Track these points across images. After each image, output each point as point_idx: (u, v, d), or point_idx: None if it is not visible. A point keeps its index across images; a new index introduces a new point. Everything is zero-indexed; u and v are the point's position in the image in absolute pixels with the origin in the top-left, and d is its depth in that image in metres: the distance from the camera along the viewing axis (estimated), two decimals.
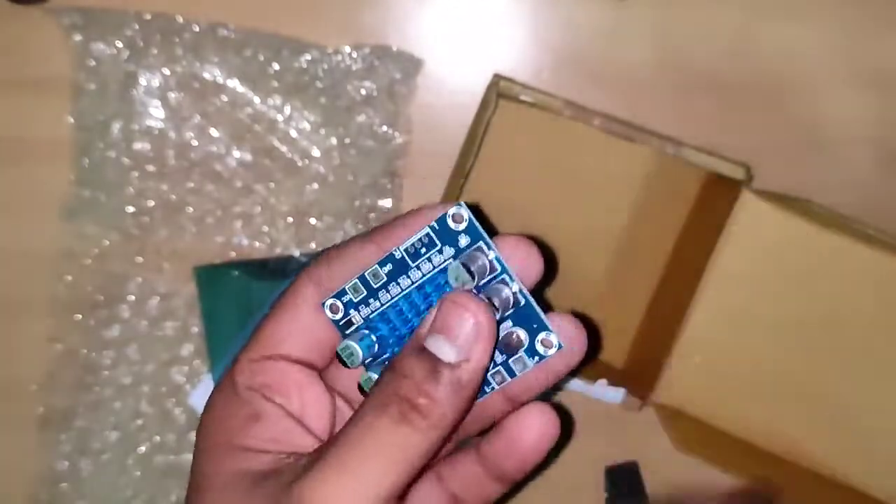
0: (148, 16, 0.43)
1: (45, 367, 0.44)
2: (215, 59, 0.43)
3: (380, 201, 0.44)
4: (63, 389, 0.44)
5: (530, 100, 0.38)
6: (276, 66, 0.43)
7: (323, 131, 0.44)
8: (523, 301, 0.25)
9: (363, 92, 0.43)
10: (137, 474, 0.45)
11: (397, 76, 0.43)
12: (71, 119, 0.43)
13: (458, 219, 0.24)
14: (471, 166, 0.39)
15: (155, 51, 0.43)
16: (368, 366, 0.26)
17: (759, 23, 0.44)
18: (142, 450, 0.45)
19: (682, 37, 0.44)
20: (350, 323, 0.26)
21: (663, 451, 0.41)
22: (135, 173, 0.44)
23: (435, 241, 0.25)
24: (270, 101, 0.44)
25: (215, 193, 0.44)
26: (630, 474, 0.45)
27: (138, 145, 0.44)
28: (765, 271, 0.39)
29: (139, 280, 0.44)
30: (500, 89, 0.38)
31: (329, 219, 0.44)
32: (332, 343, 0.27)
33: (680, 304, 0.39)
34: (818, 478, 0.40)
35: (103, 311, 0.44)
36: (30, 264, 0.44)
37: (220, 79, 0.43)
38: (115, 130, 0.43)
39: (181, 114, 0.43)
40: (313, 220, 0.44)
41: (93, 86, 0.43)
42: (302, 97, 0.43)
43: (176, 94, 0.43)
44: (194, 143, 0.44)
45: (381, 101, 0.44)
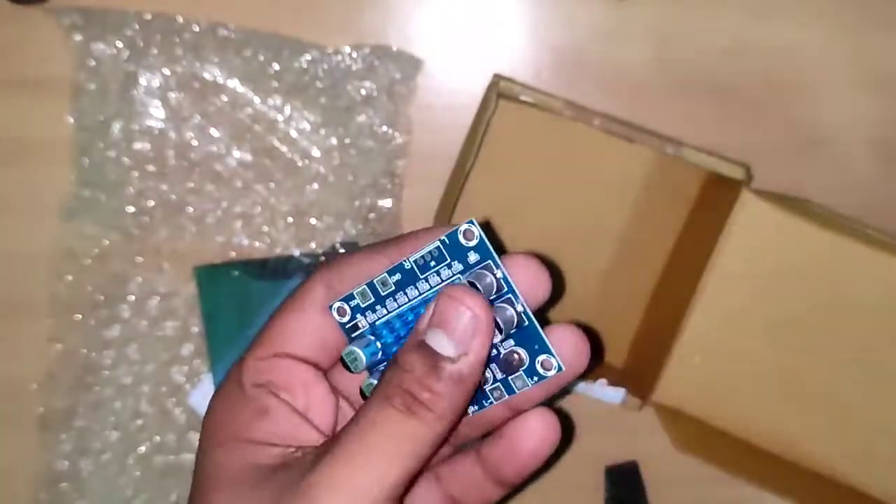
0: (148, 16, 0.43)
1: (45, 367, 0.44)
2: (215, 59, 0.43)
3: (380, 201, 0.44)
4: (63, 389, 0.44)
5: (530, 100, 0.38)
6: (276, 66, 0.43)
7: (323, 131, 0.44)
8: (527, 322, 0.25)
9: (363, 92, 0.43)
10: (137, 474, 0.45)
11: (397, 76, 0.43)
12: (71, 119, 0.43)
13: (469, 235, 0.24)
14: (471, 166, 0.39)
15: (155, 51, 0.43)
16: (371, 372, 0.27)
17: (759, 23, 0.44)
18: (142, 450, 0.45)
19: (682, 37, 0.44)
20: (356, 327, 0.26)
21: (663, 451, 0.41)
22: (135, 173, 0.44)
23: (444, 256, 0.25)
24: (270, 101, 0.44)
25: (215, 193, 0.44)
26: (630, 474, 0.45)
27: (138, 145, 0.44)
28: (764, 271, 0.39)
29: (139, 280, 0.44)
30: (500, 89, 0.38)
31: (329, 219, 0.44)
32: (338, 345, 0.27)
33: (680, 304, 0.39)
34: (818, 478, 0.40)
35: (103, 311, 0.44)
36: (30, 264, 0.44)
37: (221, 79, 0.43)
38: (116, 130, 0.43)
39: (181, 114, 0.43)
40: (313, 220, 0.44)
41: (93, 86, 0.43)
42: (302, 97, 0.43)
43: (176, 94, 0.43)
44: (194, 143, 0.44)
45: (381, 101, 0.44)
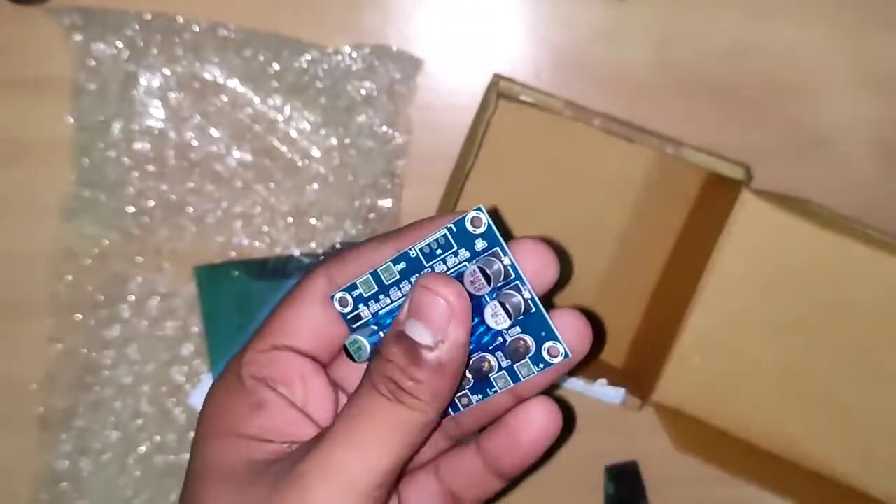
0: (148, 16, 0.43)
1: (45, 367, 0.44)
2: (215, 59, 0.43)
3: (380, 201, 0.44)
4: (63, 389, 0.44)
5: (530, 100, 0.38)
6: (276, 67, 0.43)
7: (323, 131, 0.44)
8: (534, 309, 0.25)
9: (363, 92, 0.43)
10: (137, 474, 0.45)
11: (397, 76, 0.43)
12: (71, 119, 0.43)
13: (477, 223, 0.24)
14: (471, 166, 0.39)
15: (155, 51, 0.43)
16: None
17: (759, 23, 0.44)
18: (142, 450, 0.45)
19: (682, 37, 0.44)
20: (358, 317, 0.26)
21: (663, 451, 0.41)
22: (135, 173, 0.44)
23: (451, 243, 0.25)
24: (270, 102, 0.44)
25: (215, 193, 0.44)
26: (630, 474, 0.45)
27: (138, 145, 0.44)
28: (764, 271, 0.39)
29: (139, 280, 0.44)
30: (500, 89, 0.38)
31: (329, 219, 0.44)
32: (340, 338, 0.27)
33: (680, 304, 0.39)
34: (818, 478, 0.40)
35: (103, 311, 0.44)
36: (30, 264, 0.44)
37: (221, 79, 0.43)
38: (116, 130, 0.43)
39: (181, 114, 0.43)
40: (313, 220, 0.44)
41: (93, 86, 0.43)
42: (302, 97, 0.43)
43: (176, 94, 0.43)
44: (194, 143, 0.44)
45: (381, 101, 0.44)
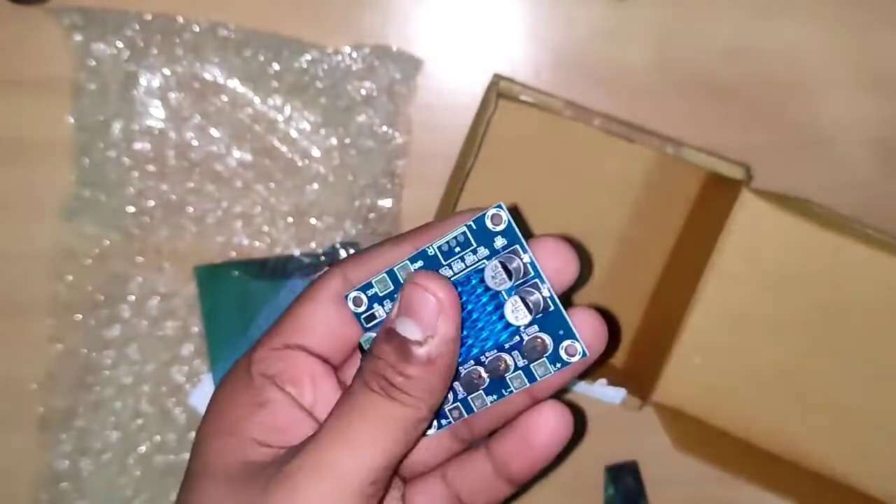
0: (148, 16, 0.43)
1: (45, 367, 0.44)
2: (215, 59, 0.43)
3: (380, 201, 0.44)
4: (63, 389, 0.44)
5: (530, 100, 0.38)
6: (276, 67, 0.43)
7: (323, 131, 0.44)
8: (552, 307, 0.25)
9: (363, 92, 0.43)
10: (137, 474, 0.45)
11: (397, 76, 0.43)
12: (71, 119, 0.43)
13: (497, 220, 0.24)
14: (471, 166, 0.39)
15: (155, 51, 0.43)
16: None
17: (759, 23, 0.44)
18: (142, 450, 0.45)
19: (682, 37, 0.44)
20: (373, 317, 0.26)
21: (663, 451, 0.41)
22: (135, 173, 0.44)
23: (470, 241, 0.25)
24: (270, 102, 0.44)
25: (215, 193, 0.44)
26: (630, 474, 0.45)
27: (138, 145, 0.44)
28: (764, 271, 0.39)
29: (139, 280, 0.44)
30: (500, 89, 0.38)
31: (329, 219, 0.44)
32: (353, 340, 0.27)
33: (680, 304, 0.39)
34: (818, 478, 0.40)
35: (103, 311, 0.44)
36: (30, 264, 0.44)
37: (221, 79, 0.43)
38: (116, 130, 0.43)
39: (181, 114, 0.43)
40: (313, 220, 0.44)
41: (93, 86, 0.43)
42: (302, 97, 0.43)
43: (176, 94, 0.43)
44: (194, 143, 0.44)
45: (381, 101, 0.44)
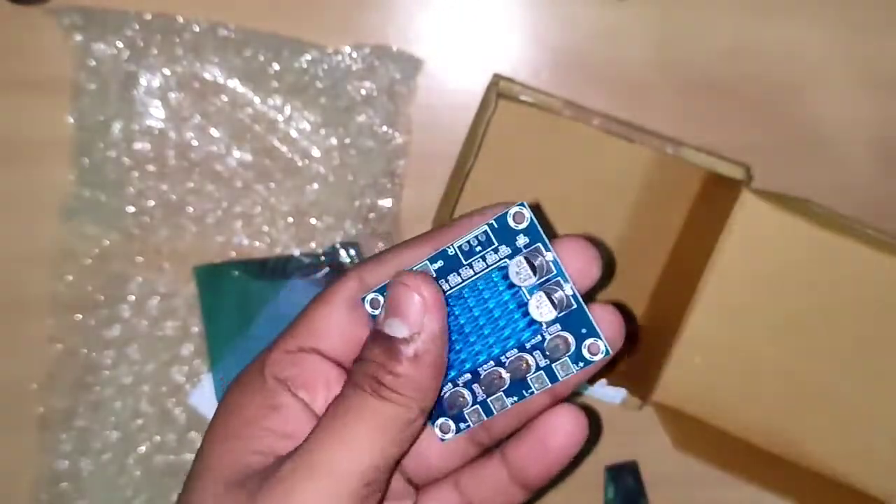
0: (148, 16, 0.43)
1: (45, 367, 0.44)
2: (215, 59, 0.43)
3: (380, 201, 0.44)
4: (63, 389, 0.44)
5: (530, 100, 0.38)
6: (276, 67, 0.43)
7: (323, 131, 0.44)
8: (575, 305, 0.25)
9: (363, 92, 0.43)
10: (137, 474, 0.45)
11: (397, 76, 0.43)
12: (71, 119, 0.43)
13: (520, 218, 0.24)
14: (471, 166, 0.39)
15: (155, 51, 0.43)
16: None
17: (759, 23, 0.44)
18: (142, 450, 0.45)
19: (682, 37, 0.44)
20: None
21: (663, 451, 0.41)
22: (135, 173, 0.44)
23: (492, 240, 0.25)
24: (270, 102, 0.44)
25: (215, 193, 0.44)
26: (630, 474, 0.45)
27: (138, 145, 0.44)
28: (764, 271, 0.38)
29: (139, 280, 0.44)
30: (500, 89, 0.38)
31: (329, 219, 0.44)
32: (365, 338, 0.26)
33: (680, 304, 0.39)
34: (818, 478, 0.40)
35: (103, 311, 0.44)
36: (30, 264, 0.44)
37: (221, 79, 0.43)
38: (116, 130, 0.43)
39: (181, 114, 0.43)
40: (313, 220, 0.44)
41: (93, 86, 0.43)
42: (302, 97, 0.43)
43: (176, 94, 0.43)
44: (194, 143, 0.44)
45: (381, 101, 0.43)
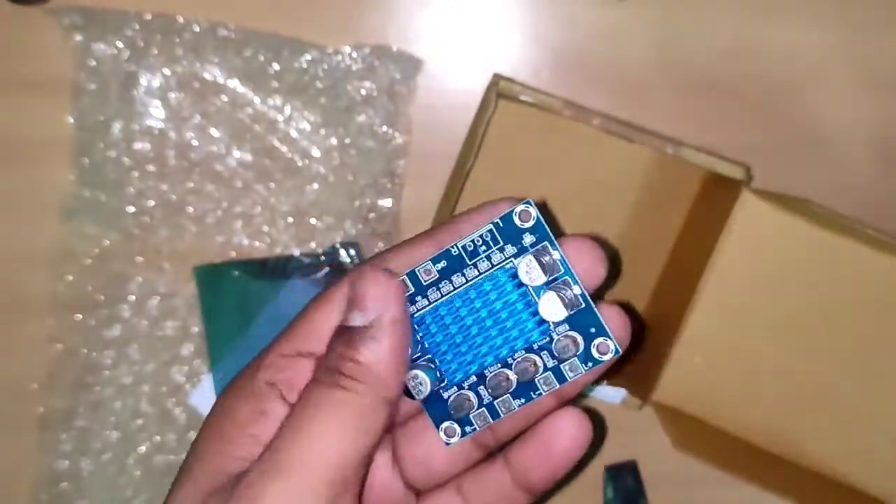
0: (148, 16, 0.43)
1: (45, 367, 0.44)
2: (215, 59, 0.43)
3: (380, 201, 0.44)
4: (63, 389, 0.44)
5: (530, 100, 0.38)
6: (276, 67, 0.43)
7: (323, 131, 0.44)
8: (584, 304, 0.24)
9: (363, 92, 0.43)
10: (137, 474, 0.45)
11: (397, 76, 0.43)
12: (71, 119, 0.43)
13: (526, 217, 0.24)
14: (471, 166, 0.39)
15: (155, 51, 0.43)
16: (411, 364, 0.26)
17: (759, 23, 0.44)
18: (142, 450, 0.45)
19: (682, 37, 0.44)
20: None
21: (663, 451, 0.41)
22: (135, 173, 0.44)
23: (497, 239, 0.24)
24: (270, 102, 0.44)
25: (215, 193, 0.44)
26: (630, 474, 0.45)
27: (138, 145, 0.44)
28: (764, 271, 0.38)
29: (139, 280, 0.44)
30: (500, 89, 0.38)
31: (329, 219, 0.44)
32: None
33: (680, 304, 0.39)
34: (818, 478, 0.40)
35: (103, 311, 0.44)
36: (30, 264, 0.44)
37: (221, 79, 0.43)
38: (116, 130, 0.43)
39: (181, 114, 0.43)
40: (313, 220, 0.44)
41: (93, 86, 0.43)
42: (302, 97, 0.43)
43: (176, 94, 0.43)
44: (194, 143, 0.44)
45: (381, 101, 0.43)
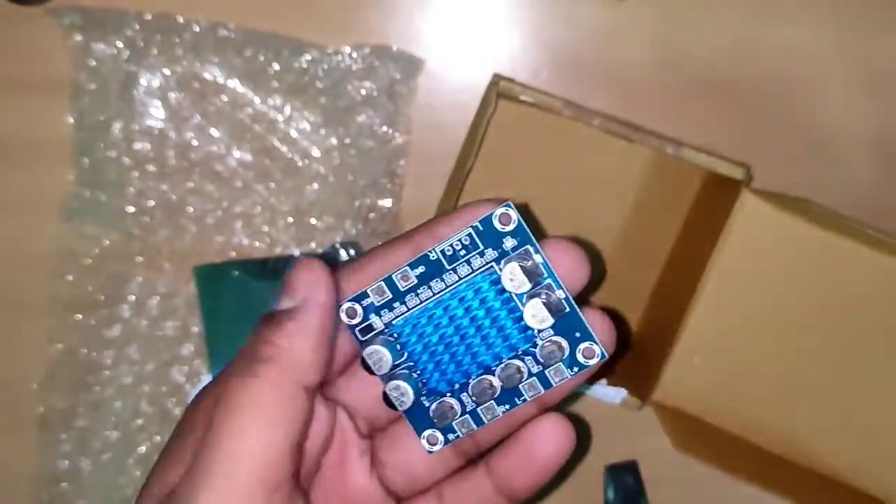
0: (148, 16, 0.43)
1: (45, 367, 0.44)
2: (215, 59, 0.43)
3: (380, 201, 0.44)
4: (63, 389, 0.44)
5: (530, 100, 0.38)
6: (276, 67, 0.43)
7: (323, 131, 0.44)
8: (568, 308, 0.24)
9: (363, 92, 0.43)
10: (137, 474, 0.45)
11: (397, 76, 0.43)
12: (71, 119, 0.43)
13: (506, 220, 0.23)
14: (471, 166, 0.39)
15: (155, 51, 0.43)
16: (390, 376, 0.25)
17: (758, 23, 0.44)
18: (142, 450, 0.45)
19: (681, 37, 0.44)
20: (370, 328, 0.25)
21: (663, 451, 0.41)
22: (135, 173, 0.44)
23: (477, 243, 0.23)
24: (270, 102, 0.44)
25: (215, 193, 0.44)
26: (630, 474, 0.45)
27: (138, 145, 0.44)
28: (764, 271, 0.39)
29: (139, 280, 0.44)
30: (500, 89, 0.38)
31: (329, 219, 0.44)
32: (349, 352, 0.26)
33: (680, 304, 0.39)
34: (818, 478, 0.40)
35: (103, 311, 0.44)
36: (30, 264, 0.44)
37: (221, 79, 0.43)
38: (116, 130, 0.43)
39: (181, 114, 0.43)
40: (313, 220, 0.44)
41: (93, 86, 0.43)
42: (302, 97, 0.43)
43: (176, 94, 0.43)
44: (194, 143, 0.44)
45: (381, 101, 0.43)
